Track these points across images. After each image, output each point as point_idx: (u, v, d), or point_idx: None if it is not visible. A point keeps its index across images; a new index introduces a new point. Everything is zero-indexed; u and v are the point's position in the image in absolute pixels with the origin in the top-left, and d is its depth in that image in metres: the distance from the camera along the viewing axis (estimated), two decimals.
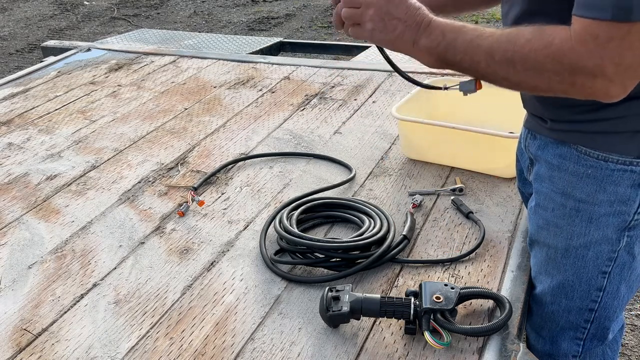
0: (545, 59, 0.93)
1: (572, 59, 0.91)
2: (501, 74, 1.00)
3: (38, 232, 1.50)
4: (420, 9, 1.07)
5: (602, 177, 1.08)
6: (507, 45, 0.97)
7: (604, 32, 0.87)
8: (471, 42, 1.01)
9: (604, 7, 0.86)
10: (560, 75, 0.93)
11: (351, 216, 1.44)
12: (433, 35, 1.05)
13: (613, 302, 1.18)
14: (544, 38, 0.94)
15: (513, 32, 0.98)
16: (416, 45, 1.07)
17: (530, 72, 0.96)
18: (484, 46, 1.00)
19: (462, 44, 1.02)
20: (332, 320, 1.13)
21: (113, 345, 1.14)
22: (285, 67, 2.52)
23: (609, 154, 1.06)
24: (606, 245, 1.12)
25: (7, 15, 7.30)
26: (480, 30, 1.02)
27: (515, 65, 0.97)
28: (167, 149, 1.89)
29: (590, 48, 0.88)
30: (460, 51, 1.03)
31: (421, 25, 1.06)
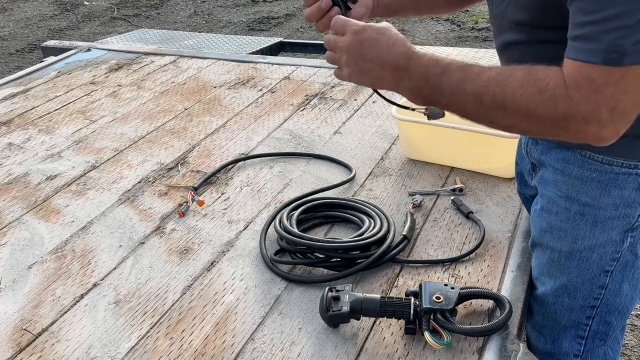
0: (538, 105, 0.91)
1: (566, 106, 0.89)
2: (490, 118, 0.97)
3: (38, 232, 1.50)
4: (394, 46, 1.01)
5: (606, 181, 1.08)
6: (497, 90, 0.94)
7: (598, 77, 0.86)
8: (458, 87, 0.97)
9: (595, 51, 0.85)
10: (554, 121, 0.91)
11: (351, 216, 1.44)
12: (414, 78, 1.00)
13: (615, 299, 1.18)
14: (537, 83, 0.91)
15: (503, 74, 0.95)
16: (399, 87, 1.02)
17: (522, 117, 0.94)
18: (472, 90, 0.96)
19: (448, 87, 0.98)
20: (332, 320, 1.13)
21: (113, 345, 1.14)
22: (285, 67, 2.52)
23: (613, 157, 1.06)
24: (610, 246, 1.12)
25: (7, 15, 7.30)
26: (466, 71, 0.97)
27: (507, 110, 0.94)
28: (167, 149, 1.89)
29: (585, 93, 0.87)
30: (446, 94, 0.99)
31: (399, 66, 1.01)
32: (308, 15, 1.18)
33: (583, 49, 0.87)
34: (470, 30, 5.63)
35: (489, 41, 5.36)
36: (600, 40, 0.84)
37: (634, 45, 0.82)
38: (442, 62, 0.99)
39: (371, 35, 1.02)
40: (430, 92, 1.00)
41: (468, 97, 0.97)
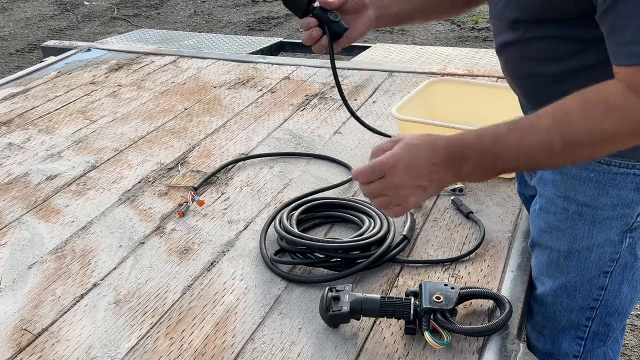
0: (615, 124, 0.88)
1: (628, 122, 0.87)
2: (569, 160, 0.95)
3: (38, 232, 1.50)
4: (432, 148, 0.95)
5: (604, 181, 1.08)
6: (562, 132, 0.90)
7: None
8: (519, 147, 0.93)
9: None
10: (636, 129, 0.89)
11: (351, 216, 1.44)
12: (471, 162, 0.95)
13: (615, 301, 1.18)
14: (599, 106, 0.88)
15: (558, 114, 0.91)
16: (461, 177, 0.99)
17: (603, 143, 0.91)
18: (536, 144, 0.92)
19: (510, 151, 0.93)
20: (332, 320, 1.13)
21: (113, 345, 1.14)
22: (285, 67, 2.52)
23: (611, 157, 1.06)
24: (609, 247, 1.12)
25: (7, 15, 7.30)
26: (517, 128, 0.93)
27: (583, 145, 0.91)
28: (167, 149, 1.89)
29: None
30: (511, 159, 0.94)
31: (451, 161, 0.96)
32: (305, 39, 1.21)
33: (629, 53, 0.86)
34: (470, 30, 5.63)
35: (489, 41, 5.36)
36: None
37: None
38: (487, 132, 0.95)
39: (405, 158, 0.96)
40: (492, 164, 0.96)
41: (535, 152, 0.93)
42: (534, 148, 0.92)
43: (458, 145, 0.96)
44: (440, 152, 0.96)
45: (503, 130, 0.94)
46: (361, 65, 2.55)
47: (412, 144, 0.97)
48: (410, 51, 3.04)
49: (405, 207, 1.00)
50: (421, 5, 1.30)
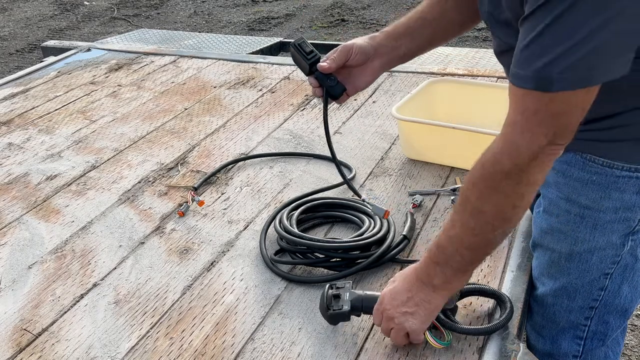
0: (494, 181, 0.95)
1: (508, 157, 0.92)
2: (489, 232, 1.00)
3: (38, 232, 1.50)
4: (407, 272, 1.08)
5: (607, 184, 1.08)
6: (465, 212, 0.99)
7: (531, 104, 0.88)
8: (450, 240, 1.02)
9: (527, 77, 0.86)
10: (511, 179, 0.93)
11: (351, 216, 1.44)
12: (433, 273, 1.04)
13: (614, 300, 1.18)
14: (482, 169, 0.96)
15: (462, 197, 1.00)
16: (439, 289, 1.05)
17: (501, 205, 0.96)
18: (458, 233, 1.00)
19: (450, 246, 1.02)
20: (333, 319, 1.13)
21: (113, 345, 1.14)
22: (285, 67, 2.52)
23: (613, 160, 1.06)
24: (610, 249, 1.12)
25: (7, 15, 7.30)
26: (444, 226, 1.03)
27: (485, 212, 0.97)
28: (167, 149, 1.89)
29: (519, 127, 0.90)
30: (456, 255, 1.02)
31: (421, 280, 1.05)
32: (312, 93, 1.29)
33: (519, 75, 0.88)
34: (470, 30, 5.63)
35: (489, 41, 5.36)
36: (531, 66, 0.86)
37: (560, 74, 0.84)
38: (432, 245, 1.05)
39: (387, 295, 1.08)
40: (448, 265, 1.03)
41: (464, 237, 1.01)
42: (460, 235, 1.01)
43: (422, 266, 1.06)
44: (411, 278, 1.06)
45: (439, 235, 1.04)
46: None
47: (392, 280, 1.10)
48: None
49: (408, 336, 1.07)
50: (428, 38, 1.32)
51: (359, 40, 1.27)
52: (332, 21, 6.28)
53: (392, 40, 1.28)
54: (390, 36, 1.29)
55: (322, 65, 1.24)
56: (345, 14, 6.46)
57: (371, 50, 1.27)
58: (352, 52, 1.25)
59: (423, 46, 1.32)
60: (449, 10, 1.28)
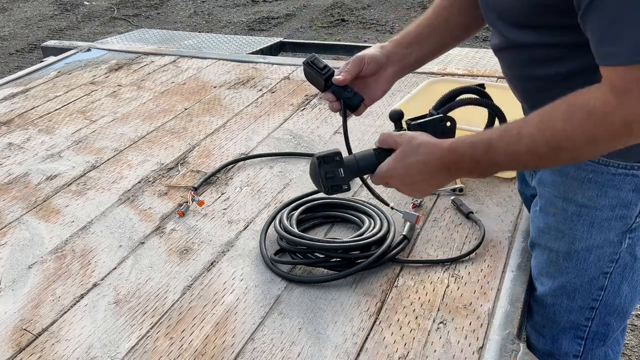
0: (594, 128, 0.90)
1: (622, 114, 0.88)
2: (554, 162, 1.00)
3: (38, 232, 1.50)
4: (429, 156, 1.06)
5: (603, 182, 1.08)
6: (546, 137, 0.94)
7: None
8: (508, 154, 0.99)
9: (632, 51, 0.84)
10: (615, 134, 0.90)
11: (351, 216, 1.44)
12: (466, 167, 1.04)
13: (614, 301, 1.18)
14: (582, 110, 0.91)
15: (544, 119, 0.95)
16: (458, 177, 1.10)
17: (584, 146, 0.93)
18: (523, 150, 0.97)
19: (500, 158, 1.00)
20: (332, 190, 1.14)
21: (113, 345, 1.14)
22: (285, 67, 2.52)
23: (610, 158, 1.06)
24: (608, 247, 1.12)
25: (7, 15, 7.30)
26: (506, 136, 0.99)
27: (565, 149, 0.94)
28: (167, 149, 1.89)
29: (636, 94, 0.86)
30: (503, 164, 1.02)
31: (448, 168, 1.05)
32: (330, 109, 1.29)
33: (617, 53, 0.86)
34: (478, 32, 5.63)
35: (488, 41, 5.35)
36: (631, 39, 0.84)
37: None
38: (479, 141, 1.02)
39: (398, 172, 1.09)
40: (487, 168, 1.04)
41: (523, 157, 0.98)
42: (521, 154, 0.98)
43: (453, 156, 1.04)
44: (434, 164, 1.05)
45: (494, 138, 1.00)
46: None
47: (406, 155, 1.08)
48: None
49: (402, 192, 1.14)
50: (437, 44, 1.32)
51: (369, 50, 1.28)
52: (332, 21, 6.28)
53: (402, 48, 1.29)
54: (400, 44, 1.29)
55: (338, 79, 1.24)
56: (345, 14, 6.46)
57: (383, 59, 1.27)
58: (364, 62, 1.25)
59: (433, 52, 1.34)
60: (455, 15, 1.28)
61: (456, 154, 1.04)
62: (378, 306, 1.20)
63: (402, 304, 1.20)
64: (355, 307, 1.20)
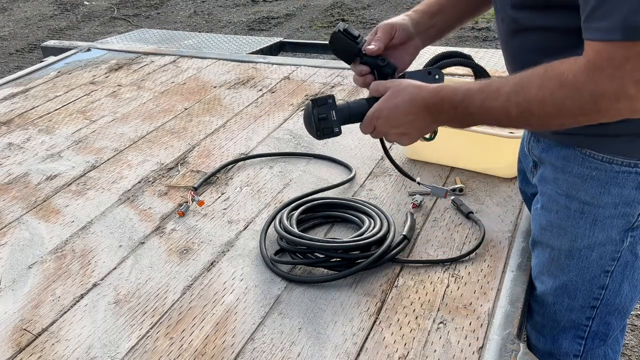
0: (564, 99, 0.93)
1: (591, 89, 0.90)
2: (523, 124, 1.03)
3: (38, 232, 1.50)
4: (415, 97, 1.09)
5: (606, 179, 1.08)
6: (519, 99, 0.97)
7: (619, 54, 0.87)
8: (482, 106, 1.02)
9: (613, 29, 0.85)
10: (583, 107, 0.92)
11: (351, 216, 1.44)
12: (445, 111, 1.08)
13: (615, 300, 1.18)
14: (556, 79, 0.93)
15: (521, 82, 0.98)
16: (439, 123, 1.12)
17: (552, 114, 0.96)
18: (497, 106, 1.01)
19: (475, 109, 1.04)
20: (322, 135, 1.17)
21: (113, 345, 1.14)
22: (285, 67, 2.52)
23: (613, 156, 1.06)
24: (610, 245, 1.12)
25: (7, 15, 7.30)
26: (486, 90, 1.02)
27: (534, 114, 0.97)
28: (167, 149, 1.89)
29: (609, 72, 0.88)
30: (476, 115, 1.05)
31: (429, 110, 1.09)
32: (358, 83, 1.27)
33: (600, 28, 0.87)
34: (470, 30, 5.63)
35: (489, 41, 5.36)
36: (614, 16, 0.85)
37: None
38: (460, 89, 1.06)
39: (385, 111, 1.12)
40: (462, 117, 1.07)
41: (496, 113, 1.02)
42: (495, 110, 1.01)
43: (435, 98, 1.08)
44: (418, 104, 1.09)
45: (474, 89, 1.05)
46: None
47: (394, 96, 1.12)
48: None
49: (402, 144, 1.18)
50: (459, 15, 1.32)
51: (397, 19, 1.26)
52: (332, 21, 6.28)
53: (428, 19, 1.29)
54: (426, 14, 1.29)
55: (371, 48, 1.21)
56: (345, 14, 6.46)
57: (412, 29, 1.27)
58: (395, 29, 1.24)
59: (453, 24, 1.34)
60: None
61: (438, 97, 1.08)
62: (378, 306, 1.20)
63: (402, 304, 1.20)
64: (355, 307, 1.20)
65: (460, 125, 1.14)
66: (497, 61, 2.67)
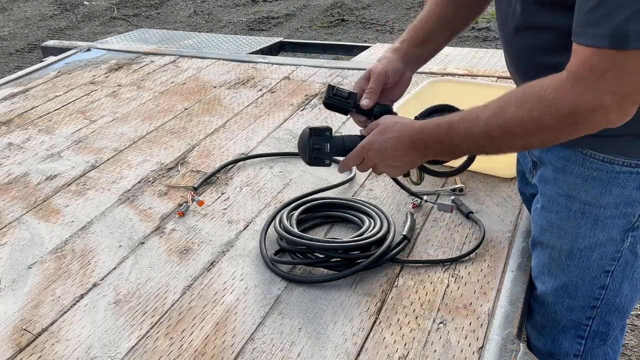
0: (542, 114, 0.94)
1: (570, 100, 0.91)
2: (507, 147, 1.03)
3: (38, 232, 1.50)
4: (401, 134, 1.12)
5: (607, 180, 1.08)
6: (499, 120, 0.99)
7: (601, 62, 0.87)
8: (467, 135, 1.04)
9: (603, 35, 0.85)
10: (561, 121, 0.93)
11: (351, 216, 1.44)
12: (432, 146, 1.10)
13: (615, 299, 1.18)
14: (534, 94, 0.95)
15: (500, 104, 0.99)
16: (428, 157, 1.15)
17: (532, 132, 0.97)
18: (479, 132, 1.02)
19: (460, 139, 1.05)
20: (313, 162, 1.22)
21: (113, 345, 1.14)
22: (285, 67, 2.52)
23: (614, 156, 1.06)
24: (611, 246, 1.12)
25: (7, 15, 7.30)
26: (467, 119, 1.04)
27: (515, 133, 0.98)
28: (167, 149, 1.89)
29: (590, 82, 0.89)
30: (463, 145, 1.06)
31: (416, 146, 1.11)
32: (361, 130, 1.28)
33: (590, 33, 0.87)
34: (470, 30, 5.63)
35: (488, 41, 5.36)
36: (605, 24, 0.85)
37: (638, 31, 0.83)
38: (444, 121, 1.08)
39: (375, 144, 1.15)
40: (450, 149, 1.09)
41: (480, 140, 1.03)
42: (478, 136, 1.03)
43: (420, 135, 1.11)
44: (406, 141, 1.12)
45: (455, 120, 1.07)
46: (361, 65, 2.55)
47: (383, 132, 1.15)
48: None
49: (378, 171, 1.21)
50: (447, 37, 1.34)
51: (389, 63, 1.29)
52: (332, 21, 6.28)
53: (416, 48, 1.32)
54: (414, 44, 1.32)
55: (365, 105, 1.26)
56: (345, 14, 6.46)
57: (402, 67, 1.30)
58: (388, 77, 1.27)
59: (440, 47, 1.36)
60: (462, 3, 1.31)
61: (424, 133, 1.11)
62: (378, 306, 1.20)
63: (402, 304, 1.20)
64: (355, 307, 1.20)
65: (450, 157, 1.17)
66: (497, 61, 2.67)
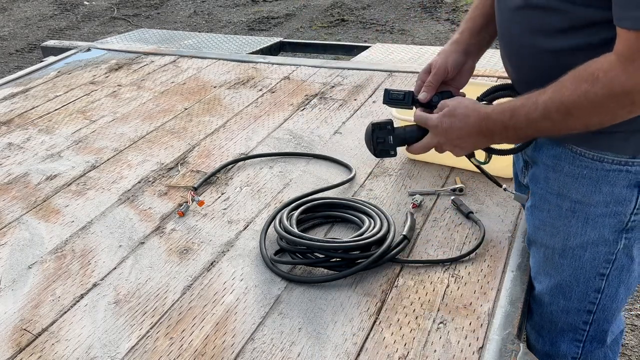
0: (597, 95, 0.94)
1: (622, 82, 0.91)
2: (566, 128, 1.03)
3: (38, 232, 1.50)
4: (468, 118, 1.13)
5: (597, 178, 1.08)
6: (556, 104, 1.00)
7: None
8: (528, 119, 1.05)
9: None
10: (618, 101, 0.94)
11: (351, 216, 1.44)
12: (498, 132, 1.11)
13: (612, 305, 1.18)
14: (588, 78, 0.95)
15: (555, 87, 1.00)
16: (494, 141, 1.17)
17: (589, 112, 0.98)
18: (539, 116, 1.03)
19: (522, 124, 1.06)
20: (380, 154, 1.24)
21: (113, 345, 1.14)
22: (285, 67, 2.52)
23: (604, 154, 1.06)
24: (603, 246, 1.12)
25: (7, 15, 7.30)
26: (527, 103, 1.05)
27: (573, 115, 0.99)
28: (167, 149, 1.89)
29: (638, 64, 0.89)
30: (525, 129, 1.07)
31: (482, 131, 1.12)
32: None
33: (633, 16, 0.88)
34: None
35: None
36: None
37: None
38: (507, 107, 1.09)
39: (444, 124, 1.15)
40: (514, 134, 1.10)
41: (540, 124, 1.04)
42: (538, 120, 1.04)
43: (486, 122, 1.12)
44: (473, 125, 1.13)
45: (517, 105, 1.07)
46: (361, 65, 2.55)
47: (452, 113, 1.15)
48: (410, 51, 3.04)
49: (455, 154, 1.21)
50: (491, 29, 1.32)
51: (448, 57, 1.28)
52: (332, 21, 6.28)
53: (476, 36, 1.31)
54: (473, 34, 1.31)
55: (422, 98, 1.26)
56: (345, 14, 6.46)
57: (463, 58, 1.29)
58: (447, 71, 1.27)
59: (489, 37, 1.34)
60: None
61: (489, 120, 1.11)
62: (378, 306, 1.20)
63: (402, 304, 1.20)
64: (355, 307, 1.20)
65: (515, 141, 1.18)
66: (497, 61, 2.67)
